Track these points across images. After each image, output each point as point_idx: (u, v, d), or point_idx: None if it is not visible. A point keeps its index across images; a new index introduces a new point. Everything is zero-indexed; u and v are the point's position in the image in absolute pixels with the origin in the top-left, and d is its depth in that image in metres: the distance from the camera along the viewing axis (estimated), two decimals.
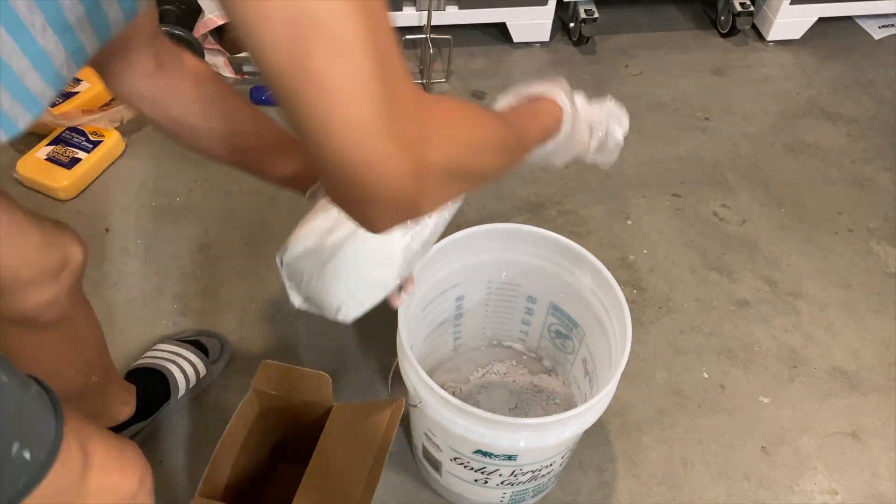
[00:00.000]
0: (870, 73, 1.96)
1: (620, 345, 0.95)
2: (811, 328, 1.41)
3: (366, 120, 0.41)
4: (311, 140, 0.42)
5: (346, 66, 0.40)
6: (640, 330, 1.38)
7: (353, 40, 0.39)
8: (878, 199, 1.64)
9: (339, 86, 0.40)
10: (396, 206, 0.45)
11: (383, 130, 0.41)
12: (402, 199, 0.45)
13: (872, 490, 1.20)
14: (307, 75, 0.39)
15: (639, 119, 1.80)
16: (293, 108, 0.41)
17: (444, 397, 0.87)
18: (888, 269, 1.51)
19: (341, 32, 0.39)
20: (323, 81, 0.40)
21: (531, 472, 0.99)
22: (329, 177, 0.43)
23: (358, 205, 0.45)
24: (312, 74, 0.39)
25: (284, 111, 0.42)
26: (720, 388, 1.31)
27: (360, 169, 0.42)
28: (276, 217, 1.53)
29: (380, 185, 0.43)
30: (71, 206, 1.51)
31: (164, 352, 1.23)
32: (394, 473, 1.18)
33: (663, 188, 1.64)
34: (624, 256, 1.50)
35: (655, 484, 1.19)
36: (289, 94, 0.41)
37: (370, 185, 0.43)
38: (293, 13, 0.38)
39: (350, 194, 0.44)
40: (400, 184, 0.44)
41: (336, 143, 0.41)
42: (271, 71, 0.40)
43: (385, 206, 0.45)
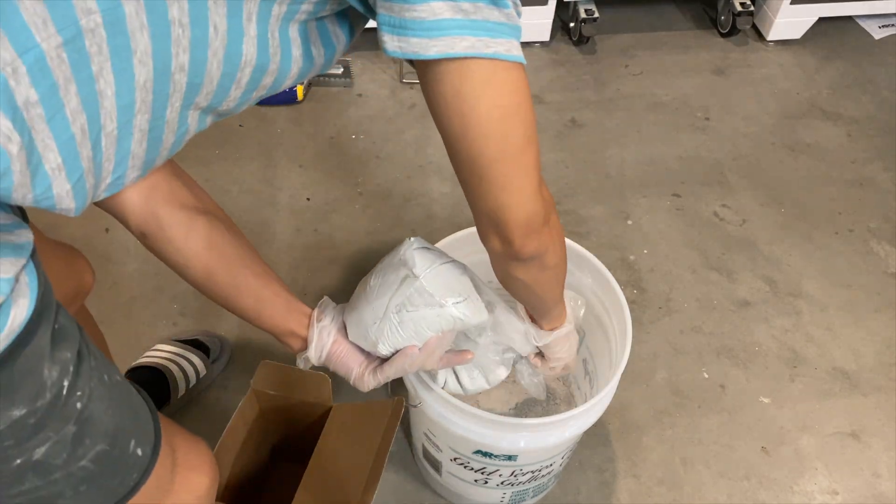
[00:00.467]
0: (870, 73, 1.96)
1: (620, 345, 0.95)
2: (811, 328, 1.41)
3: (534, 188, 0.63)
4: (491, 197, 0.61)
5: (527, 154, 0.61)
6: (640, 330, 1.38)
7: (529, 144, 0.61)
8: (879, 199, 1.64)
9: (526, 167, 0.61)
10: (528, 233, 0.64)
11: (539, 196, 0.63)
12: (534, 232, 0.65)
13: (872, 490, 1.20)
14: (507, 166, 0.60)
15: (639, 119, 1.80)
16: (487, 179, 0.60)
17: (444, 397, 0.87)
18: (888, 269, 1.51)
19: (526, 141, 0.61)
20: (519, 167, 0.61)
21: (531, 473, 0.99)
22: (496, 217, 0.63)
23: (513, 233, 0.64)
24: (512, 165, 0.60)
25: (475, 178, 0.61)
26: (720, 388, 1.31)
27: (526, 213, 0.63)
28: (276, 217, 1.53)
29: (531, 221, 0.63)
30: None
31: (164, 352, 1.23)
32: (394, 473, 1.18)
33: (663, 188, 1.64)
34: (624, 256, 1.50)
35: (655, 484, 1.19)
36: (489, 171, 0.60)
37: (524, 221, 0.63)
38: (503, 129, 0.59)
39: (508, 225, 0.63)
40: (538, 224, 0.64)
41: (515, 197, 0.62)
42: (486, 160, 0.59)
43: (524, 234, 0.64)
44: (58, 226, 1.47)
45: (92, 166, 0.51)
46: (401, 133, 1.72)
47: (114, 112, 0.49)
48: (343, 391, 1.27)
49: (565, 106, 1.82)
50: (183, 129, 0.58)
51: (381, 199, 1.58)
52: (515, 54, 0.56)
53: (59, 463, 0.52)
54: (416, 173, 1.63)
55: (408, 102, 1.79)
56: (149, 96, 0.51)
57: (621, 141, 1.74)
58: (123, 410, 0.58)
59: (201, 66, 0.52)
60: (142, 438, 0.60)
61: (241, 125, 1.72)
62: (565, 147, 1.72)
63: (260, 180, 1.60)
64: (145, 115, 0.52)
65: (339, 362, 0.81)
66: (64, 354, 0.51)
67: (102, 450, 0.55)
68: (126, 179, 0.58)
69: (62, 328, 0.52)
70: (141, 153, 0.56)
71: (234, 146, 1.67)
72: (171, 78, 0.51)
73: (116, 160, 0.54)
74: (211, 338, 1.29)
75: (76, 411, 0.52)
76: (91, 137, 0.49)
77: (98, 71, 0.46)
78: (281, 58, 0.58)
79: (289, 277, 1.42)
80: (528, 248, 0.65)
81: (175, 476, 0.67)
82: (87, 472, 0.54)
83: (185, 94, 0.54)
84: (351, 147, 1.69)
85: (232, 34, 0.53)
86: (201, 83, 0.54)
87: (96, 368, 0.55)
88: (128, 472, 0.59)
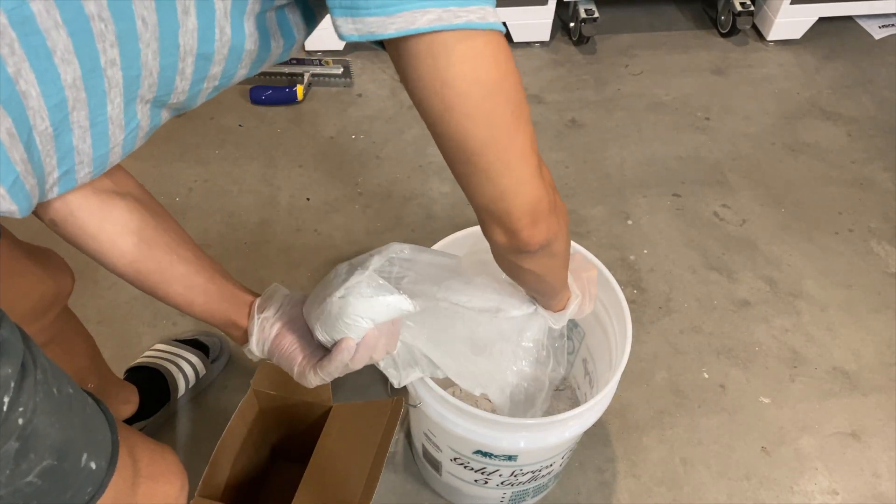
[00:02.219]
0: (870, 73, 1.96)
1: (620, 345, 0.95)
2: (811, 328, 1.41)
3: (532, 171, 0.58)
4: (488, 187, 0.58)
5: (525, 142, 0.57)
6: (640, 330, 1.38)
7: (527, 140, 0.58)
8: (879, 199, 1.64)
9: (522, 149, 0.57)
10: (535, 222, 0.61)
11: (539, 179, 0.59)
12: (541, 220, 0.61)
13: (873, 490, 1.20)
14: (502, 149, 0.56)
15: (639, 119, 1.80)
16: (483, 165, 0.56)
17: (444, 397, 0.87)
18: (888, 269, 1.51)
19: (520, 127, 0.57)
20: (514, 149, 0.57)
21: (531, 473, 0.99)
22: (497, 208, 0.59)
23: (518, 224, 0.60)
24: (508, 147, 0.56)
25: (467, 168, 0.57)
26: (720, 388, 1.31)
27: (529, 200, 0.59)
28: (277, 217, 1.53)
29: (536, 209, 0.60)
30: None
31: (163, 352, 1.23)
32: (394, 473, 1.18)
33: (663, 188, 1.64)
34: (624, 256, 1.50)
35: (655, 484, 1.19)
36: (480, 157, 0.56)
37: (529, 209, 0.59)
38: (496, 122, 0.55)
39: (512, 215, 0.59)
40: (544, 210, 0.61)
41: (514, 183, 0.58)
42: (475, 143, 0.55)
43: (530, 223, 0.60)
44: None
45: (29, 167, 0.50)
46: (401, 133, 1.72)
47: (44, 111, 0.48)
48: (342, 391, 1.27)
49: (565, 106, 1.82)
50: (133, 125, 0.56)
51: (381, 199, 1.58)
52: (491, 21, 0.51)
53: (2, 480, 0.50)
54: (416, 173, 1.63)
55: (408, 102, 1.79)
56: (81, 94, 0.49)
57: (621, 141, 1.74)
58: (74, 423, 0.56)
59: (135, 58, 0.50)
60: (95, 451, 0.58)
61: (240, 125, 1.72)
62: (565, 147, 1.72)
63: (260, 180, 1.60)
64: (82, 111, 0.50)
65: (282, 356, 0.76)
66: (4, 370, 0.49)
67: (49, 465, 0.53)
68: (77, 175, 0.56)
69: (3, 342, 0.50)
70: (86, 149, 0.54)
71: (234, 146, 1.67)
72: (103, 73, 0.49)
73: (59, 156, 0.52)
74: (210, 338, 1.29)
75: (17, 427, 0.49)
76: (22, 139, 0.48)
77: (16, 72, 0.45)
78: (230, 50, 0.56)
79: (289, 277, 1.42)
80: (536, 237, 0.61)
81: (138, 487, 0.65)
82: (35, 487, 0.52)
83: (124, 89, 0.52)
84: (351, 147, 1.69)
85: (164, 27, 0.51)
86: (139, 75, 0.52)
87: (42, 382, 0.52)
88: (80, 486, 0.57)
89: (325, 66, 1.80)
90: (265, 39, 0.58)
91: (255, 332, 0.75)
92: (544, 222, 0.61)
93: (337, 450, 0.94)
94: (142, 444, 0.68)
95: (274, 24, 0.58)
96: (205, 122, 1.72)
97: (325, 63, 1.80)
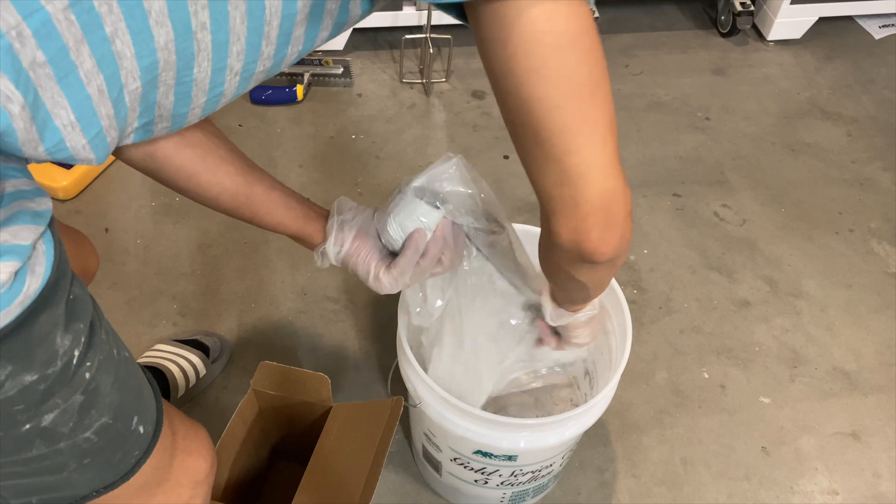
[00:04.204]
0: (870, 73, 1.96)
1: (620, 345, 0.95)
2: (811, 328, 1.41)
3: (611, 155, 0.52)
4: (555, 165, 0.50)
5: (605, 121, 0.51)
6: (640, 330, 1.37)
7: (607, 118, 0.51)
8: (879, 199, 1.64)
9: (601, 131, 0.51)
10: (609, 222, 0.52)
11: (618, 169, 0.52)
12: (617, 222, 0.53)
13: (873, 490, 1.20)
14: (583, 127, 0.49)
15: (639, 119, 1.80)
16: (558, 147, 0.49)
17: (444, 397, 0.87)
18: (888, 269, 1.51)
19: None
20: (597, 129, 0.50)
21: (531, 473, 0.99)
22: (560, 193, 0.51)
23: (587, 217, 0.52)
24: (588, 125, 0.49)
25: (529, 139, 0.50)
26: (720, 388, 1.31)
27: (601, 190, 0.51)
28: None
29: (611, 205, 0.51)
30: (71, 206, 1.51)
31: (163, 352, 1.23)
32: (394, 473, 1.18)
33: (663, 188, 1.64)
34: None
35: (655, 484, 1.19)
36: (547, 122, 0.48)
37: (600, 203, 0.51)
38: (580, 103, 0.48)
39: (580, 208, 0.51)
40: (620, 210, 0.53)
41: (584, 166, 0.50)
42: (539, 107, 0.48)
43: (603, 220, 0.52)
44: None
45: (114, 122, 0.51)
46: (401, 133, 1.72)
47: (136, 72, 0.49)
48: (342, 391, 1.27)
49: None
50: (217, 91, 0.56)
51: (381, 199, 1.58)
52: None
53: (66, 431, 0.52)
54: (416, 173, 1.63)
55: (408, 102, 1.79)
56: (172, 56, 0.50)
57: (621, 141, 1.72)
58: (129, 386, 0.58)
59: (223, 21, 0.50)
60: (144, 416, 0.60)
61: (240, 125, 1.72)
62: None
63: None
64: (170, 72, 0.51)
65: (358, 258, 0.77)
66: (77, 325, 0.51)
67: (106, 423, 0.55)
68: (155, 128, 0.57)
69: (76, 298, 0.52)
70: (168, 104, 0.55)
71: None
72: (193, 37, 0.50)
73: (141, 110, 0.53)
74: (211, 338, 1.29)
75: (85, 381, 0.52)
76: (112, 96, 0.49)
77: (113, 32, 0.46)
78: (311, 7, 0.54)
79: (289, 277, 1.42)
80: (608, 244, 0.52)
81: (174, 459, 0.67)
82: (91, 444, 0.55)
83: (213, 54, 0.52)
84: (351, 147, 1.69)
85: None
86: (227, 41, 0.52)
87: (107, 342, 0.55)
88: (130, 448, 0.59)
89: (325, 65, 1.80)
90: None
91: (333, 231, 0.77)
92: (620, 226, 0.52)
93: (337, 450, 0.94)
94: (178, 417, 0.71)
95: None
96: None
97: (325, 63, 1.80)
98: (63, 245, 0.52)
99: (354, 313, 1.38)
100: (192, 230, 1.49)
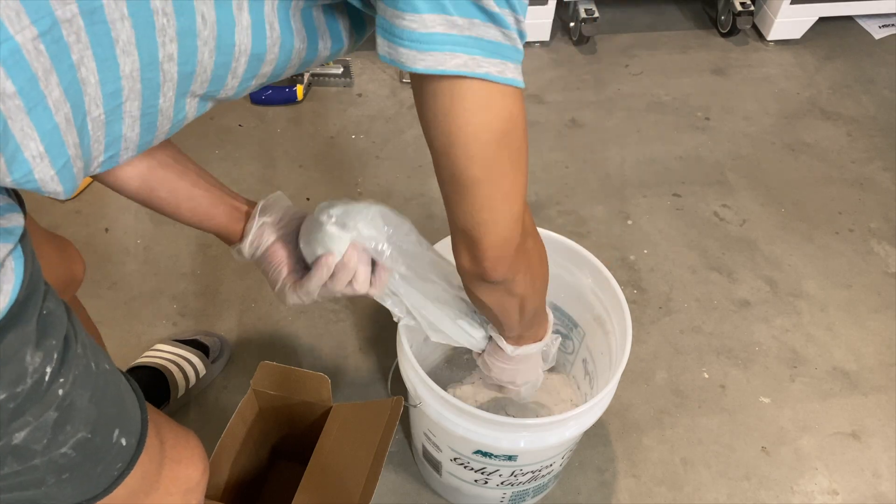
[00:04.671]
0: (870, 73, 1.96)
1: (620, 345, 0.95)
2: (811, 328, 1.41)
3: (515, 214, 0.64)
4: (469, 215, 0.62)
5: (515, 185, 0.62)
6: (640, 330, 1.37)
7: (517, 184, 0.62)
8: (879, 199, 1.64)
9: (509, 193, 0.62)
10: (499, 257, 0.65)
11: (517, 224, 0.64)
12: (506, 257, 0.66)
13: (873, 490, 1.20)
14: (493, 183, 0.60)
15: (639, 119, 1.80)
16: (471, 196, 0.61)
17: (444, 397, 0.87)
18: (888, 269, 1.51)
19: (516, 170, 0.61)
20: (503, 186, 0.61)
21: (531, 473, 0.99)
22: (470, 233, 0.63)
23: (484, 254, 0.65)
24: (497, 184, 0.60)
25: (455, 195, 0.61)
26: (720, 388, 1.31)
27: (500, 237, 0.64)
28: None
29: (504, 246, 0.65)
30: (70, 205, 1.51)
31: (163, 352, 1.23)
32: (394, 473, 1.18)
33: (663, 188, 1.64)
34: (624, 256, 1.50)
35: (655, 484, 1.19)
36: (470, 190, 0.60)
37: (497, 243, 0.64)
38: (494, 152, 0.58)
39: (481, 243, 0.64)
40: (510, 251, 0.66)
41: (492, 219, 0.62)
42: (468, 179, 0.59)
43: (495, 257, 0.65)
44: (56, 226, 1.47)
45: (79, 151, 0.51)
46: (401, 133, 1.72)
47: (99, 99, 0.49)
48: (343, 391, 1.27)
49: (565, 106, 1.82)
50: (180, 116, 0.58)
51: (381, 198, 1.58)
52: (510, 77, 0.54)
53: (39, 448, 0.52)
54: (415, 173, 1.63)
55: (408, 102, 1.79)
56: (137, 85, 0.50)
57: (621, 141, 1.74)
58: (109, 399, 0.58)
59: (191, 55, 0.51)
60: (127, 428, 0.60)
61: (240, 125, 1.72)
62: (565, 147, 1.72)
63: (260, 180, 1.60)
64: (135, 101, 0.51)
65: (269, 266, 0.77)
66: (49, 341, 0.51)
67: (84, 437, 0.55)
68: (120, 159, 0.57)
69: (50, 314, 0.52)
70: (134, 137, 0.55)
71: (234, 146, 1.67)
72: (159, 67, 0.50)
73: (107, 143, 0.53)
74: (210, 338, 1.28)
75: (58, 398, 0.52)
76: (76, 124, 0.49)
77: (79, 59, 0.46)
78: (280, 48, 0.57)
79: None
80: (497, 271, 0.66)
81: (163, 469, 0.66)
82: (69, 459, 0.54)
83: (178, 83, 0.53)
84: (351, 147, 1.69)
85: (222, 24, 0.52)
86: (193, 72, 0.53)
87: (83, 356, 0.55)
88: (112, 461, 0.59)
89: (324, 65, 1.80)
90: (313, 39, 0.59)
91: (252, 232, 0.76)
92: (508, 260, 0.65)
93: (337, 450, 0.94)
94: (167, 425, 0.70)
95: (322, 25, 0.59)
96: (205, 122, 1.72)
97: (325, 63, 1.80)
98: (36, 260, 0.51)
99: (354, 313, 1.38)
100: (191, 230, 1.48)
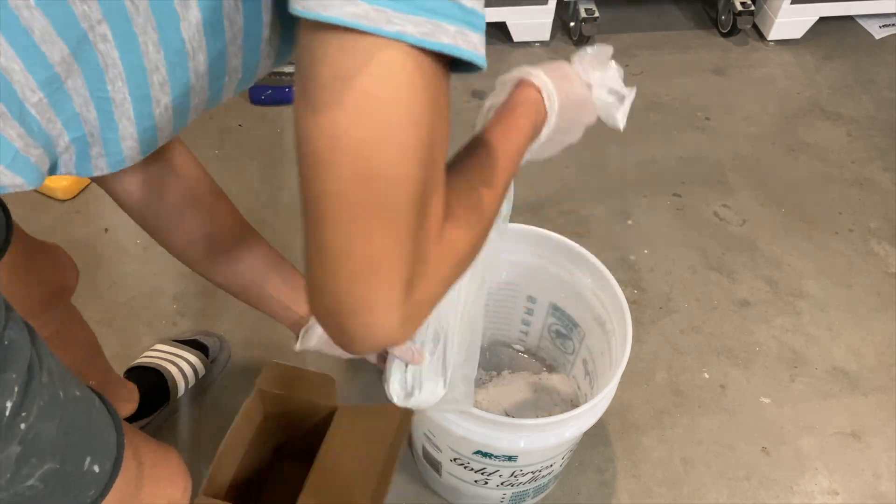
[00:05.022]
0: (870, 73, 1.96)
1: (620, 345, 0.95)
2: (811, 328, 1.41)
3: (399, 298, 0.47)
4: (326, 292, 0.46)
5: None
6: (640, 330, 1.37)
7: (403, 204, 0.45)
8: (879, 199, 1.64)
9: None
10: (375, 344, 0.49)
11: (402, 308, 0.47)
12: (382, 341, 0.49)
13: (873, 490, 1.20)
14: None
15: (639, 119, 1.80)
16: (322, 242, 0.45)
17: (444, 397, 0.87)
18: (888, 269, 1.51)
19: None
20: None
21: (531, 473, 0.99)
22: (329, 322, 0.48)
23: (346, 331, 0.48)
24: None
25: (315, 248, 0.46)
26: (720, 388, 1.31)
27: (375, 337, 0.48)
28: (276, 217, 1.53)
29: (381, 342, 0.49)
30: (70, 205, 1.51)
31: (163, 352, 1.23)
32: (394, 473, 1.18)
33: (663, 188, 1.64)
34: (624, 256, 1.50)
35: (655, 484, 1.19)
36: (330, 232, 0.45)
37: (371, 342, 0.48)
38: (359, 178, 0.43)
39: (341, 327, 0.48)
40: (387, 334, 0.48)
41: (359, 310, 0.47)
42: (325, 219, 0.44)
43: (366, 344, 0.49)
44: (56, 227, 1.47)
45: (30, 139, 0.49)
46: None
47: (32, 84, 0.47)
48: (343, 392, 1.26)
49: None
50: (147, 124, 0.54)
51: None
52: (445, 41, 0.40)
53: (3, 483, 0.51)
54: None
55: None
56: (74, 65, 0.48)
57: (621, 141, 1.73)
58: (78, 427, 0.56)
59: (130, 40, 0.48)
60: (100, 454, 0.59)
61: (240, 125, 1.72)
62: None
63: (260, 180, 1.60)
64: (78, 80, 0.49)
65: None
66: (8, 375, 0.49)
67: (51, 468, 0.53)
68: (91, 151, 0.54)
69: (11, 344, 0.50)
70: (92, 120, 0.52)
71: (234, 146, 1.67)
72: (94, 47, 0.47)
73: (62, 120, 0.51)
74: (210, 338, 1.28)
75: (20, 431, 0.50)
76: (13, 115, 0.47)
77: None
78: (243, 40, 0.52)
79: None
80: (367, 347, 0.50)
81: (141, 490, 0.65)
82: (37, 490, 0.53)
83: (127, 76, 0.50)
84: None
85: (159, 15, 0.48)
86: (141, 65, 0.50)
87: (48, 385, 0.53)
88: (84, 488, 0.57)
89: None
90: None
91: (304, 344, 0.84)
92: (391, 335, 0.48)
93: (342, 452, 0.94)
94: (146, 445, 0.69)
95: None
96: (204, 122, 1.72)
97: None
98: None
99: None
100: None
